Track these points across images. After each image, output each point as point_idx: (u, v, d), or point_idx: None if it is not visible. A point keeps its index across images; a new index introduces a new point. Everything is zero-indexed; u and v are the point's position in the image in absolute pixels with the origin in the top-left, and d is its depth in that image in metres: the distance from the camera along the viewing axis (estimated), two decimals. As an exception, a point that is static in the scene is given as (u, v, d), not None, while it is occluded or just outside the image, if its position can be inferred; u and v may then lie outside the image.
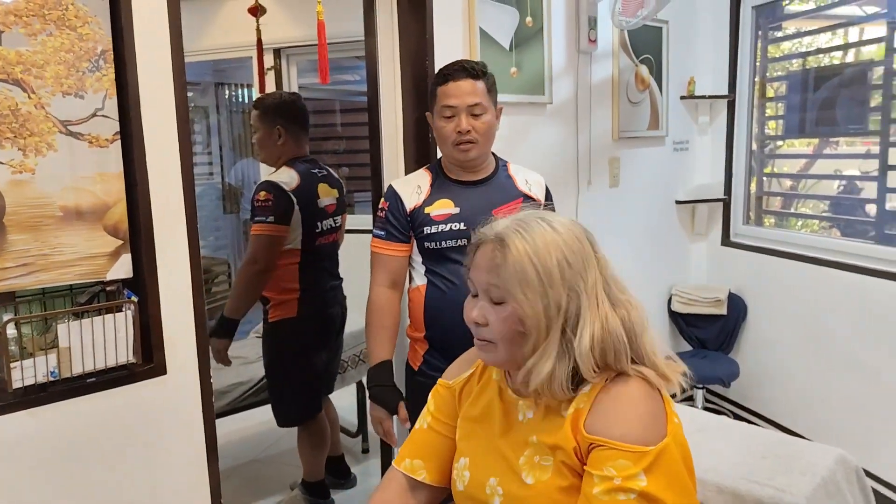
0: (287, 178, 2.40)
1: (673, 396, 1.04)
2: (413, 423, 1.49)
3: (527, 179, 1.88)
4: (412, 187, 1.82)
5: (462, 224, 1.74)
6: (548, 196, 1.90)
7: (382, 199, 1.85)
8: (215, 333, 2.44)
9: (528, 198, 1.82)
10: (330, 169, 2.64)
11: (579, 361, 0.98)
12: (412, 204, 1.79)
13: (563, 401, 1.01)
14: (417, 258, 1.82)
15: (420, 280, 1.81)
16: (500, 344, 1.03)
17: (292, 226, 2.40)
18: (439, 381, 1.25)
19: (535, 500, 1.00)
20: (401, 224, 1.79)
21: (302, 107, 2.53)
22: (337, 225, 2.61)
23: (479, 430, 1.13)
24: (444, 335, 1.76)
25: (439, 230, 1.75)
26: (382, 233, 1.81)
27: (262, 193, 2.35)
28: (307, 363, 2.54)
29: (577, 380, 1.00)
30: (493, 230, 1.04)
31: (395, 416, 1.79)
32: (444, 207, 1.77)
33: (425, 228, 1.76)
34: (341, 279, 2.66)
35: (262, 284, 2.41)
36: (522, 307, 0.98)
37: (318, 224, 2.49)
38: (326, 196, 2.54)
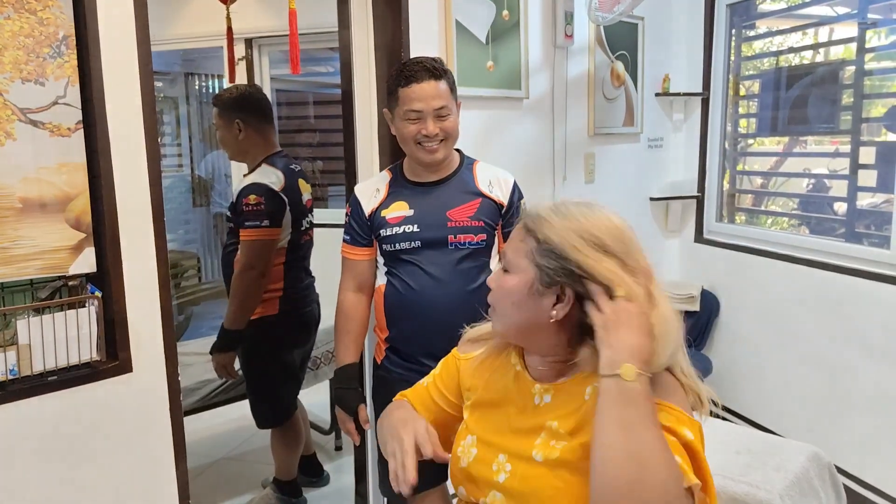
0: (274, 178, 2.33)
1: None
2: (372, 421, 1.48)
3: (490, 180, 1.81)
4: (371, 190, 1.83)
5: (415, 226, 1.73)
6: (515, 195, 1.82)
7: (347, 205, 1.87)
8: (218, 348, 2.38)
9: (486, 198, 1.77)
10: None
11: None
12: (370, 207, 1.79)
13: (582, 384, 1.03)
14: (380, 259, 1.83)
15: (382, 280, 1.82)
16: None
17: (283, 226, 2.35)
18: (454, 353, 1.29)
19: (544, 479, 1.01)
20: (362, 228, 1.80)
21: (260, 98, 2.43)
22: (312, 221, 2.57)
23: (493, 412, 1.15)
24: (401, 334, 1.77)
25: (393, 232, 1.74)
26: (348, 237, 1.84)
27: (252, 197, 2.26)
28: (287, 361, 2.50)
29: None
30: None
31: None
32: (398, 210, 1.76)
33: (381, 231, 1.76)
34: (313, 277, 2.62)
35: (262, 289, 2.33)
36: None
37: (303, 222, 2.45)
38: (305, 192, 2.49)
